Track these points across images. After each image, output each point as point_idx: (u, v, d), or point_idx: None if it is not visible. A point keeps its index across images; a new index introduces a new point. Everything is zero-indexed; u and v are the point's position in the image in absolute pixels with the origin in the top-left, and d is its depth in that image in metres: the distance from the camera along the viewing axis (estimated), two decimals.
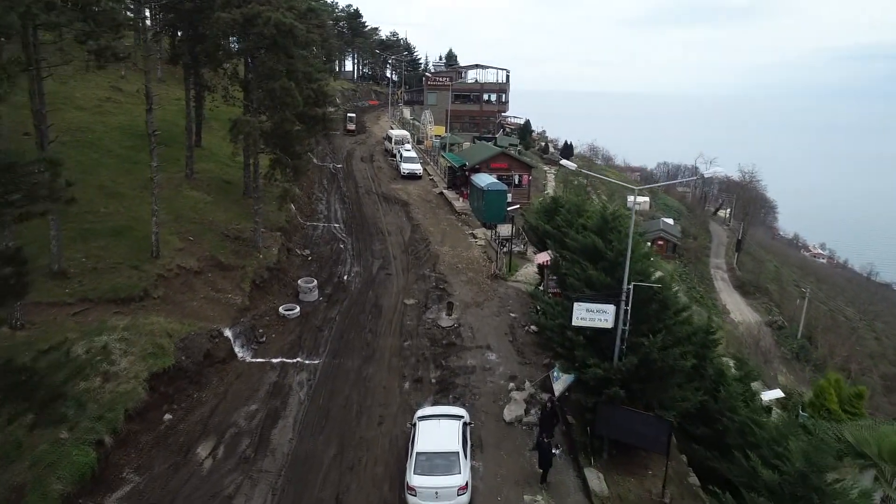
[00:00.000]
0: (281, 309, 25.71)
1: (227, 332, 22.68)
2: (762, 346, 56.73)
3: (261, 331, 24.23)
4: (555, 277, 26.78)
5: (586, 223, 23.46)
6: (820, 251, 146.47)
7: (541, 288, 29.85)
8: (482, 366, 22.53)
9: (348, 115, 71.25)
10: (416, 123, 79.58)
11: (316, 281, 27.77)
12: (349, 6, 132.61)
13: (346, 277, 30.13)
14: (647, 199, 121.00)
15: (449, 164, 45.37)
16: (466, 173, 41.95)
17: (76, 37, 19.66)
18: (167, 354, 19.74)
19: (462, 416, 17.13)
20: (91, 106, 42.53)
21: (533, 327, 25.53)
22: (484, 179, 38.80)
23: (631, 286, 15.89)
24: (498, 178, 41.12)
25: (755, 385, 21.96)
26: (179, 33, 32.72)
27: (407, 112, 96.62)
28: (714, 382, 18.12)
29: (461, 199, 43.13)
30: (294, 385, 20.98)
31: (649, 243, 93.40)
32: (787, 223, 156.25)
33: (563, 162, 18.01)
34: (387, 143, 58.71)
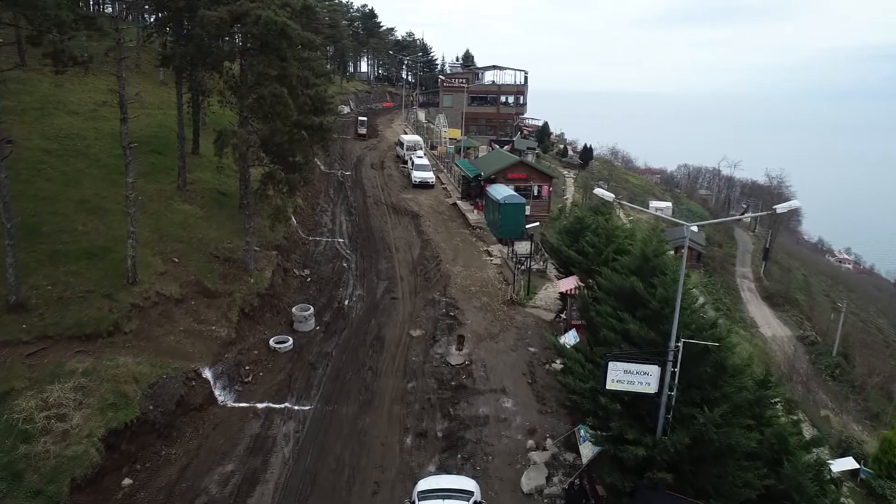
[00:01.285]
0: (272, 341, 23.00)
1: (207, 373, 19.97)
2: (799, 369, 52.88)
3: (247, 368, 21.52)
4: (577, 309, 23.79)
5: (619, 250, 20.44)
6: (846, 256, 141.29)
7: (563, 316, 26.84)
8: (496, 415, 19.57)
9: (359, 118, 68.66)
10: (431, 126, 76.81)
11: (312, 308, 25.01)
12: (364, 6, 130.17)
13: (347, 302, 27.33)
14: (668, 204, 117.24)
15: (462, 174, 42.43)
16: (482, 184, 38.99)
17: (27, 38, 16.96)
18: (131, 405, 17.04)
19: (471, 494, 14.18)
20: (85, 111, 40.27)
21: (554, 365, 22.55)
22: (500, 191, 35.82)
23: (680, 343, 12.85)
24: (516, 190, 38.12)
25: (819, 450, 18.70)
26: (170, 34, 30.12)
27: (421, 114, 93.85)
28: (774, 451, 14.98)
29: (476, 210, 40.19)
30: (279, 438, 18.19)
31: (672, 251, 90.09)
32: (810, 226, 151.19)
33: (599, 192, 14.96)
34: (398, 148, 55.96)
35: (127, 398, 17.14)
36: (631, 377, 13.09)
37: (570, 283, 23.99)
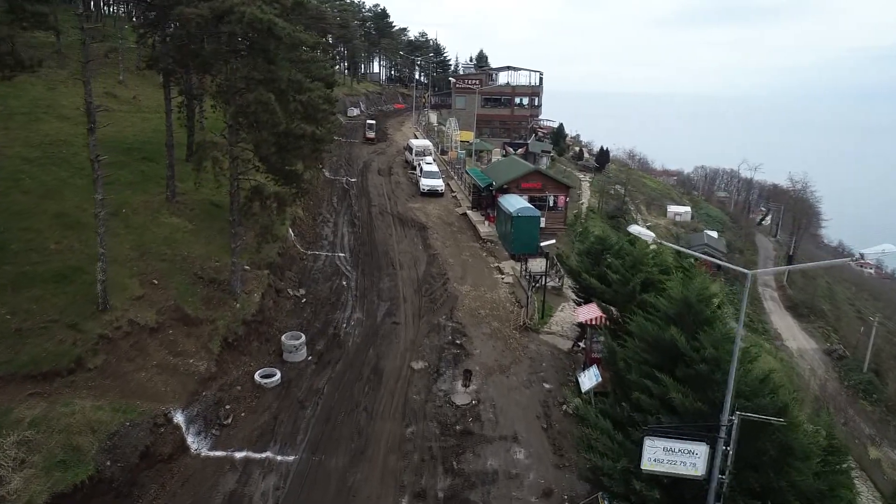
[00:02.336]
0: (257, 375, 20.66)
1: (179, 417, 17.66)
2: (832, 394, 49.60)
3: (227, 407, 19.18)
4: (601, 339, 21.18)
5: (648, 281, 17.83)
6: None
7: (581, 345, 24.25)
8: (507, 469, 17.06)
9: (367, 121, 66.40)
10: (443, 128, 74.40)
11: (304, 336, 22.64)
12: (376, 6, 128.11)
13: (344, 327, 24.94)
14: (688, 209, 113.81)
15: (473, 183, 39.91)
16: (493, 194, 36.45)
17: None
18: (84, 461, 14.76)
19: None
20: (76, 115, 38.26)
21: (573, 406, 20.00)
22: (513, 203, 33.26)
23: (735, 417, 10.28)
24: (530, 200, 35.52)
25: None
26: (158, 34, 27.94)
27: (433, 116, 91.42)
28: None
29: (487, 222, 37.66)
30: (256, 498, 15.81)
31: (691, 255, 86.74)
32: (830, 230, 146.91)
33: (638, 230, 12.37)
34: (407, 153, 53.57)
35: (80, 453, 14.86)
36: (673, 457, 10.56)
37: (590, 312, 21.40)
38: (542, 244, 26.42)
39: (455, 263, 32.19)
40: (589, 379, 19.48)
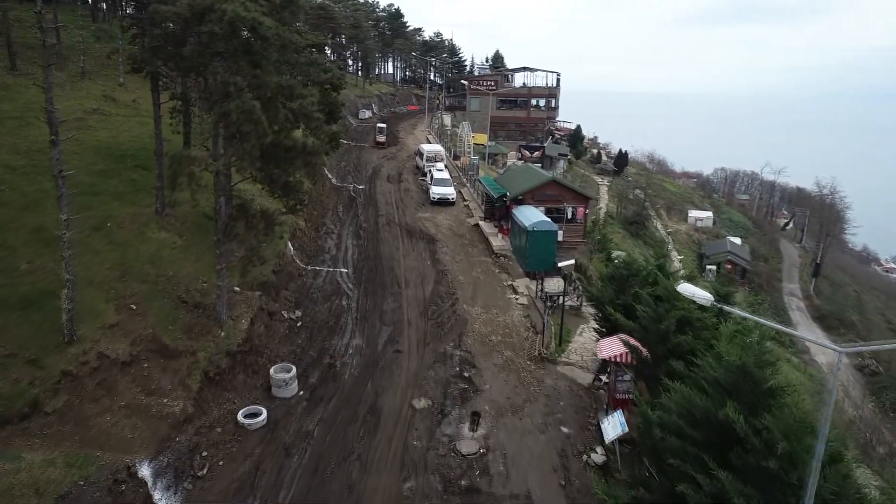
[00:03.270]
0: (240, 415, 18.50)
1: (145, 470, 15.55)
2: (869, 420, 46.32)
3: (203, 455, 17.02)
4: (626, 379, 18.74)
5: (685, 321, 15.37)
6: (893, 265, 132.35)
7: (603, 378, 21.80)
8: None
9: (378, 125, 64.28)
10: (457, 131, 72.11)
11: (295, 369, 20.45)
12: (391, 5, 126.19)
13: (341, 356, 22.71)
14: (709, 214, 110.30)
15: (485, 191, 37.52)
16: (507, 205, 34.05)
17: None
18: None
19: None
20: (70, 120, 36.32)
21: (595, 458, 17.59)
22: (528, 216, 30.84)
23: None
24: (547, 213, 33.08)
25: None
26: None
27: (447, 119, 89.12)
28: None
29: (500, 234, 35.27)
30: None
31: (714, 266, 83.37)
32: (855, 233, 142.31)
33: (691, 291, 9.95)
34: (418, 159, 51.33)
35: None
36: None
37: (614, 348, 18.93)
38: (560, 264, 23.99)
39: (465, 281, 29.86)
40: (613, 427, 17.06)
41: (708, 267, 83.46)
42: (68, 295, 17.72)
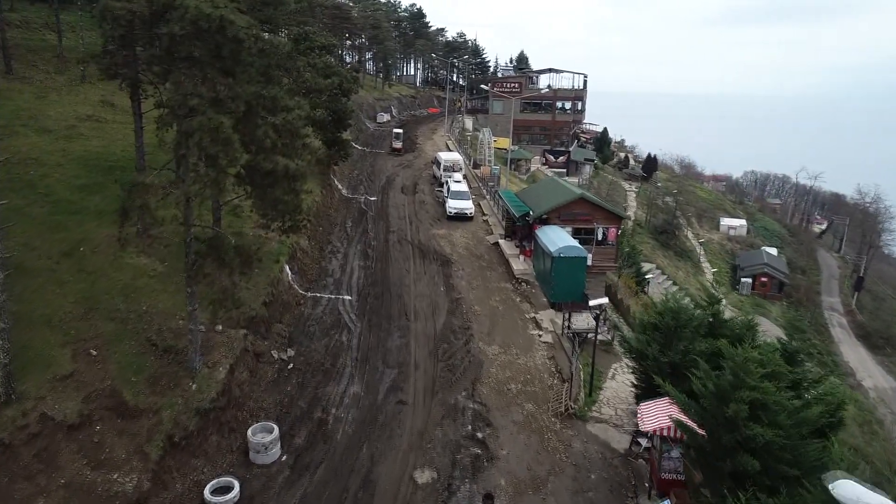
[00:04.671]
0: (207, 490, 15.47)
1: None
2: None
3: None
4: (677, 454, 15.26)
5: (760, 405, 11.88)
6: None
7: (642, 443, 18.31)
8: None
9: (394, 130, 61.21)
10: (478, 135, 68.80)
11: (277, 429, 17.37)
12: (413, 5, 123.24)
13: (335, 409, 19.59)
14: (743, 222, 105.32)
15: (505, 207, 34.11)
16: (531, 225, 30.64)
17: None
18: None
19: None
20: (60, 128, 34.13)
21: None
22: (554, 239, 27.41)
23: None
24: (575, 233, 29.60)
25: None
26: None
27: (469, 122, 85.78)
28: None
29: (522, 255, 31.87)
30: None
31: (750, 278, 78.61)
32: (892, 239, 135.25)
33: (851, 492, 6.59)
34: (434, 168, 48.10)
35: None
36: None
37: (660, 416, 15.47)
38: (591, 303, 20.52)
39: (482, 312, 26.56)
40: None
41: (743, 280, 78.86)
42: (4, 346, 14.90)
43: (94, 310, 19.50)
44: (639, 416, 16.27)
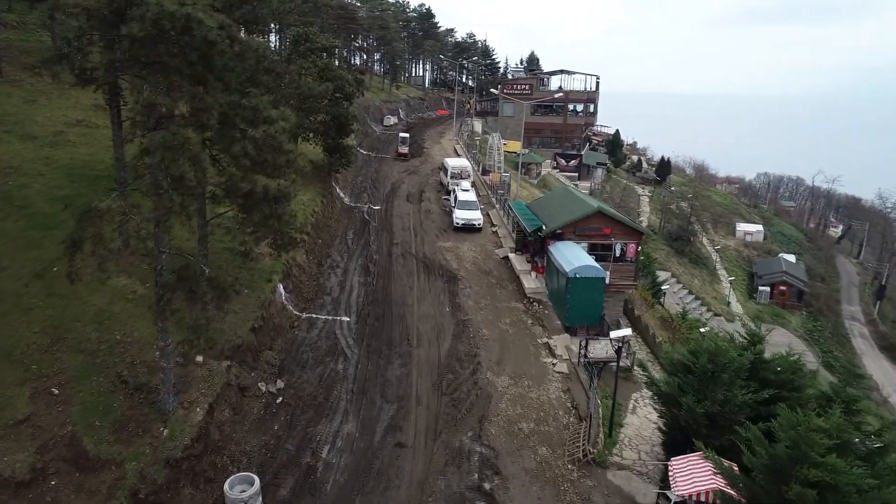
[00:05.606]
0: None
1: None
2: None
3: None
4: None
5: (840, 490, 9.72)
6: None
7: (672, 498, 16.12)
8: None
9: (401, 135, 59.19)
10: (487, 137, 66.66)
11: (258, 482, 15.36)
12: (422, 5, 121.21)
13: (326, 452, 17.59)
14: (759, 227, 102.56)
15: (516, 219, 31.97)
16: (543, 240, 28.52)
17: None
18: None
19: None
20: (47, 133, 32.47)
21: None
22: (568, 257, 25.28)
23: None
24: (591, 249, 27.48)
25: None
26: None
27: (478, 125, 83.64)
28: None
29: (534, 272, 29.75)
30: None
31: (768, 287, 75.90)
32: None
33: None
34: (441, 175, 46.05)
35: None
36: None
37: (695, 480, 13.31)
38: (612, 334, 18.38)
39: (490, 337, 24.48)
40: None
41: (760, 288, 76.22)
42: None
43: (61, 340, 17.65)
44: (671, 474, 14.12)
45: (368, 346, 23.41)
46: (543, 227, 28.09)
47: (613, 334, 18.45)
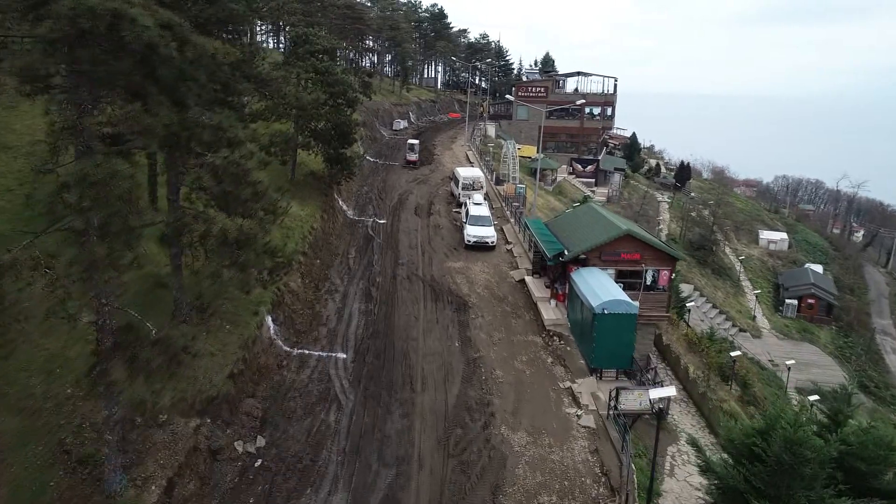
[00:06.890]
0: None
1: None
2: None
3: None
4: None
5: None
6: None
7: None
8: None
9: (409, 141, 56.27)
10: (501, 142, 63.62)
11: None
12: (434, 6, 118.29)
13: None
14: (784, 235, 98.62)
15: (533, 240, 28.90)
16: (565, 267, 25.48)
17: None
18: None
19: None
20: (24, 143, 29.76)
21: None
22: (595, 288, 22.22)
23: None
24: (619, 276, 24.42)
25: None
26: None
27: (492, 129, 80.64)
28: None
29: (553, 300, 26.70)
30: None
31: (795, 300, 72.09)
32: None
33: None
34: (452, 185, 43.13)
35: None
36: None
37: None
38: (651, 394, 15.32)
39: (505, 379, 21.49)
40: None
41: (787, 301, 72.52)
42: None
43: (3, 396, 14.92)
44: None
45: (366, 391, 20.50)
46: (565, 252, 25.04)
47: (654, 394, 15.38)
